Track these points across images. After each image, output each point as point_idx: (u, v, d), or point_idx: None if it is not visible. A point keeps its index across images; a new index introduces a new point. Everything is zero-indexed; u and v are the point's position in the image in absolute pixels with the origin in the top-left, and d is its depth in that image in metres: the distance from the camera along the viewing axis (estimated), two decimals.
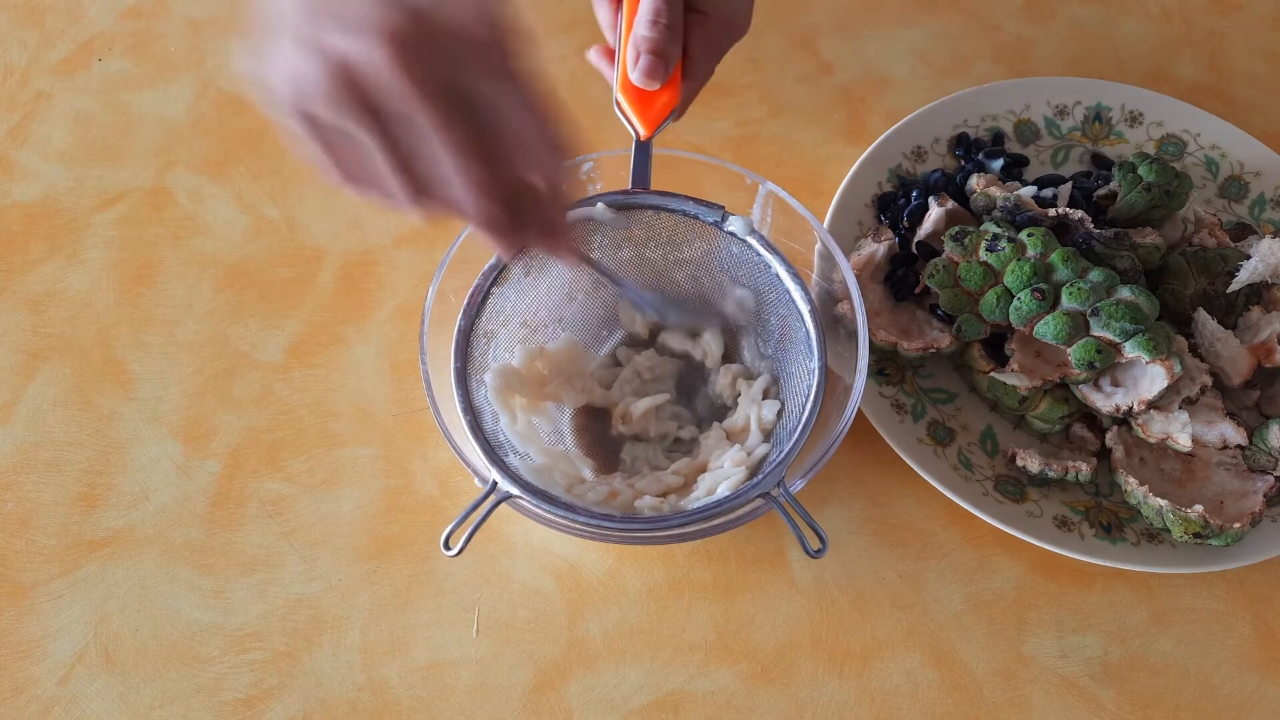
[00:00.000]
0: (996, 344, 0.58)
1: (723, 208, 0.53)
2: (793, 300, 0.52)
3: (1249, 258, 0.58)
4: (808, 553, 0.46)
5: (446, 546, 0.45)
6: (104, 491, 0.57)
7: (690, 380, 0.58)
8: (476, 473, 0.48)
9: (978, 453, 0.57)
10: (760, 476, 0.48)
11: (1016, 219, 0.59)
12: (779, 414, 0.53)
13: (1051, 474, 0.55)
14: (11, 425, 0.59)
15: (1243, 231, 0.63)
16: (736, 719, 0.52)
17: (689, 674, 0.53)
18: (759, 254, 0.53)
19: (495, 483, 0.47)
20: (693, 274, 0.56)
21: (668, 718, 0.52)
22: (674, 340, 0.58)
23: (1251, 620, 0.55)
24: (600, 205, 0.52)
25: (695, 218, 0.53)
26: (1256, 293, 0.59)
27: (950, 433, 0.58)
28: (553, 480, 0.50)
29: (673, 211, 0.53)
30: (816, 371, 0.50)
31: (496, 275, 0.52)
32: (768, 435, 0.52)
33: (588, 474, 0.53)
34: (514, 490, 0.47)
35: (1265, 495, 0.54)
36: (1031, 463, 0.55)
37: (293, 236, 0.65)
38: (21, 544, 0.55)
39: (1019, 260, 0.55)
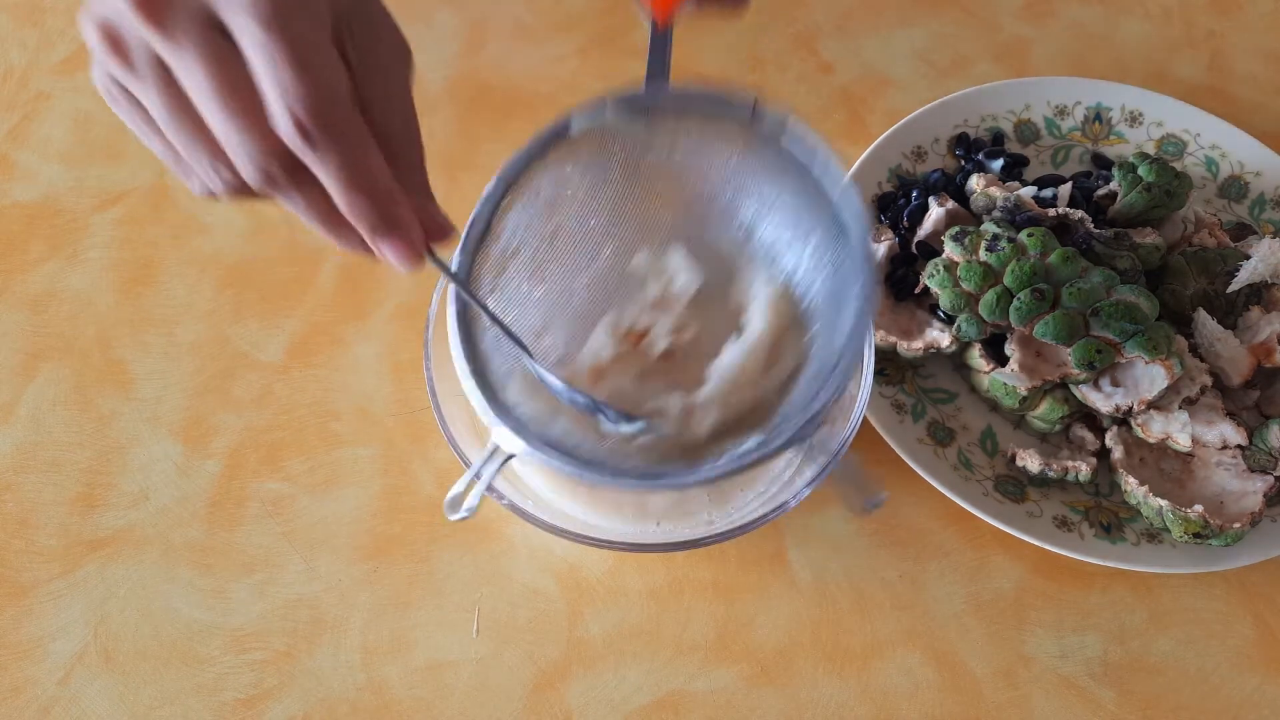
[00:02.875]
0: (996, 344, 0.58)
1: (754, 98, 0.44)
2: (841, 218, 0.44)
3: (1249, 258, 0.58)
4: (865, 507, 0.43)
5: (452, 509, 0.42)
6: (104, 491, 0.57)
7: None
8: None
9: (978, 453, 0.57)
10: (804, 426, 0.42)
11: (1016, 219, 0.59)
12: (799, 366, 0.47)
13: (1051, 474, 0.55)
14: (11, 425, 0.59)
15: (1243, 231, 0.63)
16: (736, 719, 0.52)
17: (689, 674, 0.53)
18: (797, 155, 0.44)
19: (497, 445, 0.43)
20: (725, 187, 0.48)
21: (668, 718, 0.52)
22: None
23: (1251, 620, 0.55)
24: (608, 107, 0.44)
25: (721, 116, 0.45)
26: (1256, 293, 0.59)
27: (950, 433, 0.58)
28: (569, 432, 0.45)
29: (695, 111, 0.45)
30: (862, 295, 0.42)
31: (496, 204, 0.45)
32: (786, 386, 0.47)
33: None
34: (520, 448, 0.42)
35: (1265, 495, 0.54)
36: (1031, 463, 0.55)
37: (293, 236, 0.65)
38: (21, 544, 0.55)
39: (1019, 260, 0.55)
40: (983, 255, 0.56)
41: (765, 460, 0.42)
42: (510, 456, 0.43)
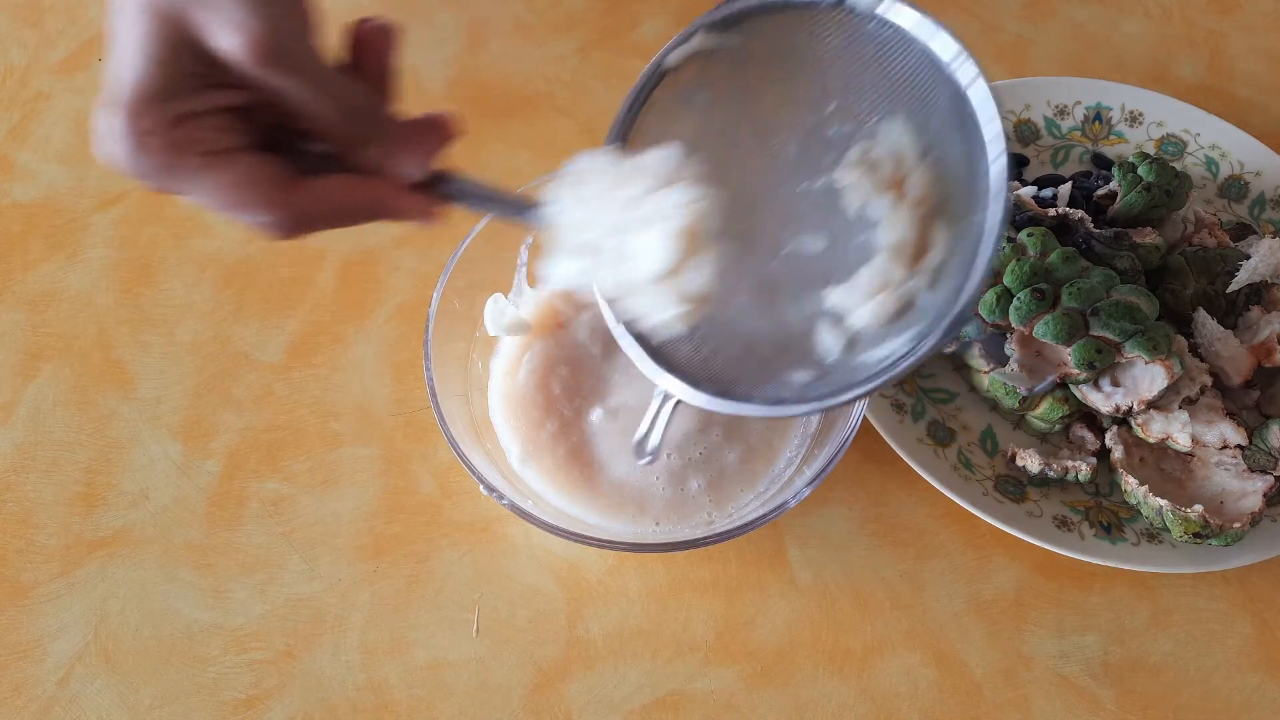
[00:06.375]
0: (996, 344, 0.58)
1: None
2: (956, 83, 0.40)
3: (1249, 258, 0.58)
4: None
5: (639, 454, 0.46)
6: (104, 491, 0.57)
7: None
8: (480, 477, 0.48)
9: (978, 453, 0.57)
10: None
11: (1016, 219, 0.59)
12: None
13: (1051, 474, 0.55)
14: (11, 425, 0.59)
15: (1243, 231, 0.63)
16: (736, 719, 0.52)
17: (689, 674, 0.53)
18: (898, 29, 0.40)
19: (665, 392, 0.44)
20: (837, 76, 0.44)
21: (668, 718, 0.52)
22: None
23: (1252, 620, 0.55)
24: (698, 33, 0.42)
25: (808, 5, 0.42)
26: (1256, 293, 0.59)
27: (950, 433, 0.58)
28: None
29: (783, 8, 0.42)
30: (993, 188, 0.39)
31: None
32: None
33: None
34: (684, 394, 0.43)
35: (1265, 495, 0.54)
36: (1031, 463, 0.55)
37: None
38: (21, 544, 0.55)
39: (1019, 260, 0.55)
40: None
41: (919, 363, 0.42)
42: (678, 402, 0.44)
